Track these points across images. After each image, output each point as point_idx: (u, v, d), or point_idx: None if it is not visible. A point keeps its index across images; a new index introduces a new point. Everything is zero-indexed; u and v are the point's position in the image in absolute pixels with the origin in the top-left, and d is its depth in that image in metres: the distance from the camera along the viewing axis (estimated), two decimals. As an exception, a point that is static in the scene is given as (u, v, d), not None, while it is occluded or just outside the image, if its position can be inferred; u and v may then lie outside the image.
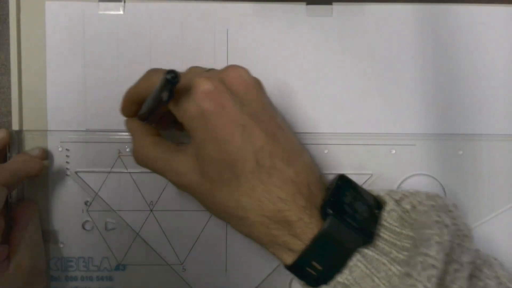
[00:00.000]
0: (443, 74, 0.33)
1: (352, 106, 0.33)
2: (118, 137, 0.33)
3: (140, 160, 0.28)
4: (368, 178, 0.33)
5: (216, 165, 0.25)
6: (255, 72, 0.29)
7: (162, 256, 0.33)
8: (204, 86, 0.24)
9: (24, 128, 0.33)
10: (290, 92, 0.33)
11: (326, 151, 0.33)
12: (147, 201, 0.33)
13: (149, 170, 0.28)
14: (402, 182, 0.33)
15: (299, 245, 0.24)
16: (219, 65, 0.33)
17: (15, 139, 0.32)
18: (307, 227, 0.24)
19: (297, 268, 0.25)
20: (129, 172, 0.33)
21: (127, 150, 0.33)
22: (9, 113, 0.33)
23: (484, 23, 0.33)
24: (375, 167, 0.33)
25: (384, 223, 0.25)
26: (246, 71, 0.26)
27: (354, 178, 0.33)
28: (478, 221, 0.33)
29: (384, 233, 0.25)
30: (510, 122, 0.33)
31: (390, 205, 0.26)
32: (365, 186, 0.33)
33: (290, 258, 0.25)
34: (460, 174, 0.33)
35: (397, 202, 0.27)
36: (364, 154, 0.33)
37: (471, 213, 0.33)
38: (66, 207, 0.33)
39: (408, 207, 0.26)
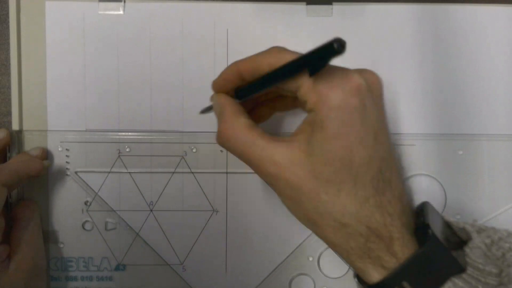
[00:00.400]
0: (443, 74, 0.33)
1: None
2: (118, 137, 0.33)
3: (227, 140, 0.25)
4: (368, 178, 0.33)
5: (335, 164, 0.23)
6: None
7: (162, 256, 0.33)
8: (358, 80, 0.23)
9: (24, 128, 0.33)
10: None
11: (326, 151, 0.33)
12: (147, 201, 0.33)
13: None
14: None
15: (393, 263, 0.23)
16: (219, 65, 0.33)
17: (15, 139, 0.32)
18: (405, 246, 0.23)
19: (383, 287, 0.24)
20: (129, 172, 0.33)
21: (127, 150, 0.33)
22: (9, 113, 0.33)
23: (484, 23, 0.33)
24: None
25: (467, 259, 0.24)
26: (379, 76, 0.25)
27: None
28: (478, 221, 0.33)
29: (467, 269, 0.24)
30: (510, 122, 0.33)
31: (475, 242, 0.25)
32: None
33: (379, 275, 0.23)
34: (460, 174, 0.33)
35: (478, 235, 0.26)
36: (364, 154, 0.33)
37: (471, 213, 0.33)
38: (66, 207, 0.33)
39: (487, 241, 0.25)
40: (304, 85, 0.23)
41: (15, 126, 0.32)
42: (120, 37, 0.33)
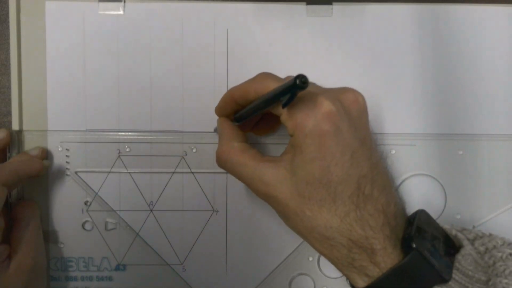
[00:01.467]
0: (443, 74, 0.33)
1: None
2: (118, 137, 0.33)
3: (224, 162, 0.28)
4: (368, 178, 0.33)
5: (316, 184, 0.25)
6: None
7: (162, 256, 0.33)
8: (327, 106, 0.24)
9: (24, 128, 0.33)
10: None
11: (326, 151, 0.33)
12: (147, 201, 0.33)
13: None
14: (402, 182, 0.33)
15: (377, 272, 0.25)
16: (219, 65, 0.33)
17: (15, 139, 0.32)
18: (387, 256, 0.24)
19: None
20: (129, 172, 0.33)
21: (127, 150, 0.33)
22: (9, 113, 0.33)
23: (484, 23, 0.33)
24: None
25: (457, 265, 0.25)
26: (361, 95, 0.27)
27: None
28: (478, 221, 0.33)
29: (456, 275, 0.25)
30: (510, 122, 0.33)
31: (467, 250, 0.26)
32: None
33: (363, 283, 0.25)
34: (460, 174, 0.33)
35: (469, 241, 0.27)
36: (364, 154, 0.33)
37: (471, 213, 0.33)
38: (66, 207, 0.33)
39: (482, 249, 0.26)
40: (283, 113, 0.26)
41: (15, 126, 0.32)
42: (120, 37, 0.33)
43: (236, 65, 0.33)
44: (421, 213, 0.27)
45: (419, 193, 0.33)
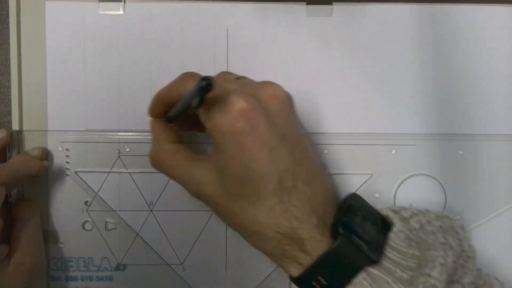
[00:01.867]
0: (443, 74, 0.33)
1: (352, 106, 0.33)
2: (118, 137, 0.33)
3: (157, 164, 0.29)
4: (368, 178, 0.33)
5: (239, 181, 0.25)
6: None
7: (162, 256, 0.33)
8: (239, 104, 0.25)
9: (24, 128, 0.33)
10: (290, 92, 0.33)
11: (326, 151, 0.33)
12: (147, 201, 0.33)
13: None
14: (402, 182, 0.33)
15: (308, 260, 0.25)
16: (219, 65, 0.33)
17: (15, 139, 0.32)
18: (317, 245, 0.25)
19: (302, 281, 0.26)
20: (129, 172, 0.33)
21: (127, 150, 0.33)
22: (9, 113, 0.33)
23: (484, 23, 0.33)
24: (375, 167, 0.33)
25: (391, 243, 0.26)
26: (281, 88, 0.27)
27: (354, 178, 0.33)
28: (478, 221, 0.33)
29: (390, 253, 0.25)
30: (510, 122, 0.33)
31: (398, 226, 0.26)
32: (365, 186, 0.33)
33: (297, 271, 0.26)
34: (460, 174, 0.33)
35: (406, 220, 0.27)
36: (364, 154, 0.33)
37: (471, 213, 0.33)
38: (66, 207, 0.33)
39: (416, 225, 0.27)
40: (200, 113, 0.26)
41: (15, 126, 0.32)
42: (120, 37, 0.33)
43: (236, 65, 0.33)
44: (352, 198, 0.28)
45: (419, 193, 0.33)
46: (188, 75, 0.27)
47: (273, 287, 0.34)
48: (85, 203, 0.33)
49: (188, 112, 0.27)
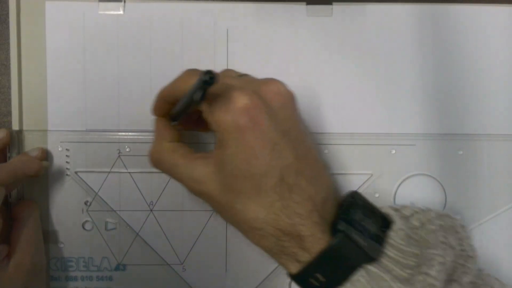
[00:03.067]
0: (443, 74, 0.33)
1: (352, 106, 0.33)
2: (118, 137, 0.33)
3: (157, 163, 0.29)
4: (368, 178, 0.33)
5: (240, 178, 0.25)
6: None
7: (162, 256, 0.33)
8: (242, 100, 0.25)
9: (24, 128, 0.33)
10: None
11: (326, 151, 0.33)
12: (147, 201, 0.33)
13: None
14: (402, 182, 0.33)
15: (307, 257, 0.25)
16: (219, 65, 0.33)
17: (15, 139, 0.32)
18: (316, 242, 0.25)
19: (300, 278, 0.26)
20: (129, 172, 0.33)
21: (127, 150, 0.33)
22: (9, 113, 0.33)
23: (484, 23, 0.33)
24: (375, 167, 0.33)
25: (391, 241, 0.26)
26: (284, 85, 0.27)
27: (354, 178, 0.33)
28: (478, 221, 0.33)
29: (390, 251, 0.25)
30: (510, 122, 0.33)
31: (398, 224, 0.26)
32: (365, 186, 0.33)
33: (295, 268, 0.26)
34: (460, 174, 0.33)
35: (407, 218, 0.27)
36: (364, 154, 0.33)
37: (471, 213, 0.33)
38: (66, 207, 0.33)
39: (417, 224, 0.27)
40: (204, 110, 0.26)
41: (15, 126, 0.32)
42: (120, 37, 0.33)
43: (236, 65, 0.33)
44: (352, 195, 0.28)
45: (419, 193, 0.33)
46: (191, 72, 0.27)
47: (273, 287, 0.34)
48: (85, 203, 0.33)
49: (191, 110, 0.27)
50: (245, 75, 0.29)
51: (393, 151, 0.33)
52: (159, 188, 0.33)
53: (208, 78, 0.22)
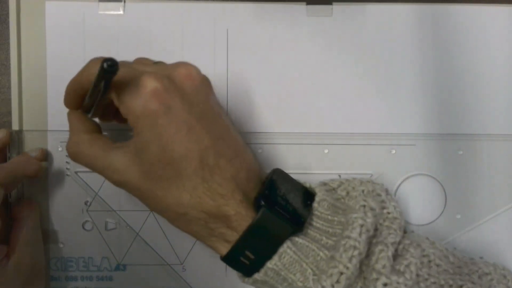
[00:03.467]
0: (443, 74, 0.33)
1: (352, 106, 0.33)
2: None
3: (75, 156, 0.28)
4: (368, 178, 0.33)
5: (159, 164, 0.25)
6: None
7: (162, 256, 0.33)
8: (151, 84, 0.24)
9: (24, 128, 0.33)
10: (290, 92, 0.33)
11: (326, 151, 0.33)
12: (147, 201, 0.33)
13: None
14: (402, 182, 0.33)
15: (235, 236, 0.26)
16: (219, 65, 0.33)
17: (15, 139, 0.32)
18: (242, 220, 0.25)
19: (231, 259, 0.26)
20: (129, 172, 0.33)
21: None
22: (9, 113, 0.33)
23: (484, 23, 0.33)
24: (375, 167, 0.33)
25: (316, 212, 0.27)
26: (196, 69, 0.26)
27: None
28: (478, 221, 0.33)
29: (316, 222, 0.27)
30: (510, 122, 0.33)
31: (320, 196, 0.27)
32: (365, 186, 0.33)
33: (225, 249, 0.26)
34: (460, 174, 0.33)
35: (334, 190, 0.29)
36: (364, 154, 0.33)
37: (471, 213, 0.33)
38: (66, 207, 0.33)
39: (343, 193, 0.28)
40: (114, 98, 0.26)
41: (15, 126, 0.32)
42: (120, 37, 0.33)
43: (236, 65, 0.33)
44: (274, 172, 0.28)
45: (419, 193, 0.33)
46: (94, 60, 0.26)
47: (273, 287, 0.34)
48: (85, 203, 0.33)
49: (103, 101, 0.26)
50: (160, 62, 0.28)
51: (393, 151, 0.33)
52: (159, 188, 0.33)
53: (108, 66, 0.21)
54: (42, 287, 0.32)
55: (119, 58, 0.33)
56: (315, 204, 0.27)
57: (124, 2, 0.33)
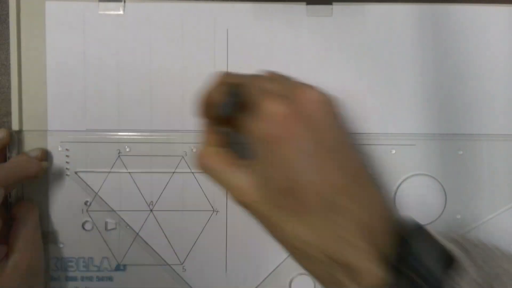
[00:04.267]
0: (443, 74, 0.33)
1: (352, 106, 0.33)
2: (118, 137, 0.33)
3: (203, 168, 0.28)
4: (368, 178, 0.33)
5: (281, 192, 0.23)
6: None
7: (162, 256, 0.33)
8: (272, 108, 0.23)
9: (24, 128, 0.33)
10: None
11: (326, 151, 0.33)
12: (147, 201, 0.33)
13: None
14: (402, 182, 0.33)
15: None
16: (219, 65, 0.33)
17: (15, 139, 0.32)
18: (367, 274, 0.22)
19: None
20: (129, 172, 0.33)
21: (127, 150, 0.33)
22: (9, 113, 0.33)
23: (484, 23, 0.33)
24: (375, 167, 0.33)
25: (457, 286, 0.22)
26: (323, 94, 0.24)
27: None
28: (478, 221, 0.33)
29: None
30: (510, 122, 0.33)
31: (470, 275, 0.22)
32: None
33: None
34: (460, 174, 0.33)
35: (469, 253, 0.23)
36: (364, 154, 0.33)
37: (471, 213, 0.33)
38: (66, 207, 0.33)
39: (480, 262, 0.23)
40: (238, 119, 0.25)
41: (15, 126, 0.32)
42: (120, 37, 0.33)
43: (236, 65, 0.33)
44: (410, 225, 0.24)
45: (419, 193, 0.33)
46: (226, 76, 0.26)
47: (273, 287, 0.34)
48: (85, 203, 0.33)
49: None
50: (282, 77, 0.27)
51: (393, 151, 0.33)
52: (159, 188, 0.33)
53: (234, 96, 0.21)
54: (41, 287, 0.32)
55: (118, 58, 0.33)
56: (456, 277, 0.22)
57: (124, 2, 0.33)
